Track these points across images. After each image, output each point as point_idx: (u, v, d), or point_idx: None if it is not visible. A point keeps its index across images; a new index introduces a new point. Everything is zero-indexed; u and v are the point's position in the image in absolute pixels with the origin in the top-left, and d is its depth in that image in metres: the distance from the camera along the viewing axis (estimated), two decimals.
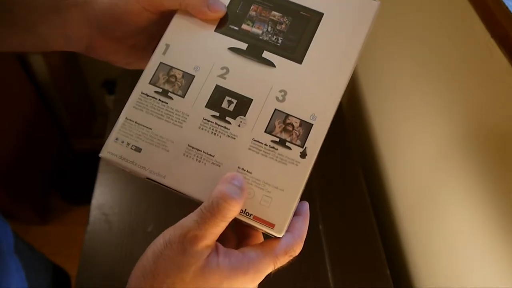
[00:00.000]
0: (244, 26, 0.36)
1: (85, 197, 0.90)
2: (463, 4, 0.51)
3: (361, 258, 0.74)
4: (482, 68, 0.49)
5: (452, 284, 0.59)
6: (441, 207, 0.61)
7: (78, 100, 1.62)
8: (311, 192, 0.81)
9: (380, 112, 0.87)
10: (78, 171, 1.62)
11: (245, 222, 0.32)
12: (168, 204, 0.76)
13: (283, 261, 0.31)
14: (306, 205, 0.34)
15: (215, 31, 0.36)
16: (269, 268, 0.31)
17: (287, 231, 0.32)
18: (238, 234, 0.34)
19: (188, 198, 0.34)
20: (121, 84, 1.01)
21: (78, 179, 1.59)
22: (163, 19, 0.38)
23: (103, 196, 0.79)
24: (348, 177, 0.85)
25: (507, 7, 0.43)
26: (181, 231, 0.29)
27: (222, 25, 0.36)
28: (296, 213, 0.33)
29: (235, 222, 0.35)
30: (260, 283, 0.32)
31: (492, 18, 0.45)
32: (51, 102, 1.60)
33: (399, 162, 0.78)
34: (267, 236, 0.33)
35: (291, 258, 0.32)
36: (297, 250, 0.32)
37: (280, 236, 0.31)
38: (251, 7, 0.37)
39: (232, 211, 0.29)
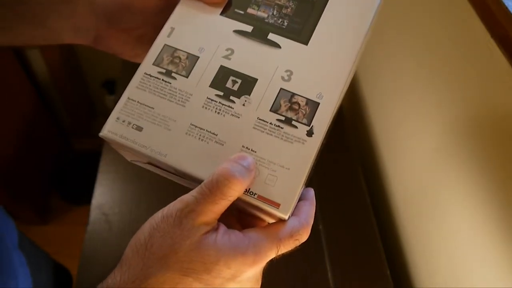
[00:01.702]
0: (249, 10, 0.37)
1: (85, 197, 0.90)
2: (463, 4, 0.51)
3: (361, 258, 0.74)
4: (482, 68, 0.49)
5: (452, 284, 0.59)
6: (441, 207, 0.61)
7: (78, 100, 1.62)
8: None
9: (380, 112, 0.87)
10: (78, 171, 1.62)
11: (249, 203, 0.31)
12: (168, 204, 0.76)
13: (287, 245, 0.30)
14: (312, 191, 0.33)
15: (220, 15, 0.36)
16: (271, 251, 0.29)
17: (293, 215, 0.31)
18: (243, 225, 0.33)
19: (187, 184, 0.33)
20: (121, 84, 1.01)
21: (78, 179, 1.59)
22: (170, 9, 0.38)
23: (103, 196, 0.79)
24: (348, 177, 0.85)
25: (507, 7, 0.43)
26: (180, 205, 0.29)
27: (227, 10, 0.37)
28: (301, 199, 0.32)
29: (240, 213, 0.34)
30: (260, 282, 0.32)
31: (492, 18, 0.45)
32: (51, 102, 1.60)
33: (399, 162, 0.78)
34: None
35: (297, 243, 0.30)
36: (303, 235, 0.30)
37: (286, 217, 0.30)
38: None
39: (233, 190, 0.28)
